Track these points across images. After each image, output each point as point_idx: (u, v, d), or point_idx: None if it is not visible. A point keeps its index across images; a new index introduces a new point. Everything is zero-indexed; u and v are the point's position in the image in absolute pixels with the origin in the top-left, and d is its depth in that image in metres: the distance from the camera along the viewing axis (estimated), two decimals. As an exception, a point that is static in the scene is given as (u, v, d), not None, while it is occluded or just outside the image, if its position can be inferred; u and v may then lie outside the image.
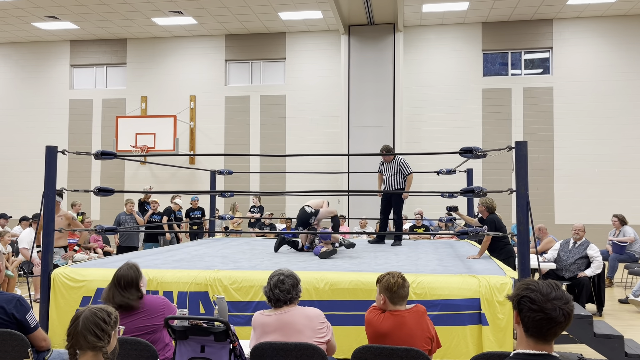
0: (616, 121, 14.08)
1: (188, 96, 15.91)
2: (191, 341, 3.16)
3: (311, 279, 4.87)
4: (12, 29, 15.52)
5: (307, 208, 6.93)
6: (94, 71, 16.63)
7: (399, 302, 3.23)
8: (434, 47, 14.89)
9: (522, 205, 4.67)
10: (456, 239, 9.27)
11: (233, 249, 7.29)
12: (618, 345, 4.47)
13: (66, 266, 5.40)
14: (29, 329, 3.38)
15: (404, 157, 7.71)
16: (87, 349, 2.27)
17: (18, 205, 15.75)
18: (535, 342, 1.86)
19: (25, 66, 16.75)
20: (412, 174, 7.53)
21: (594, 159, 14.10)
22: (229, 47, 15.82)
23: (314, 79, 15.37)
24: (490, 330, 4.58)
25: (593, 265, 7.27)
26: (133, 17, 14.45)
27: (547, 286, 1.87)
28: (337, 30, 14.95)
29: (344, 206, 14.00)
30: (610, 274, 9.48)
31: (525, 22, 14.53)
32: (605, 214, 13.52)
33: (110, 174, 16.10)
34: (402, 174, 7.54)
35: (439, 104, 14.77)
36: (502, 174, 14.21)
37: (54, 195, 5.17)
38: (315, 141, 15.14)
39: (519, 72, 14.73)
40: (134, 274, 3.52)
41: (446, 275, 4.91)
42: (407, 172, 7.51)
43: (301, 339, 3.17)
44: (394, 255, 6.60)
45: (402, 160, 7.59)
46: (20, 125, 16.69)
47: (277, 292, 3.27)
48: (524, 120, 14.45)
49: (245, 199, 15.19)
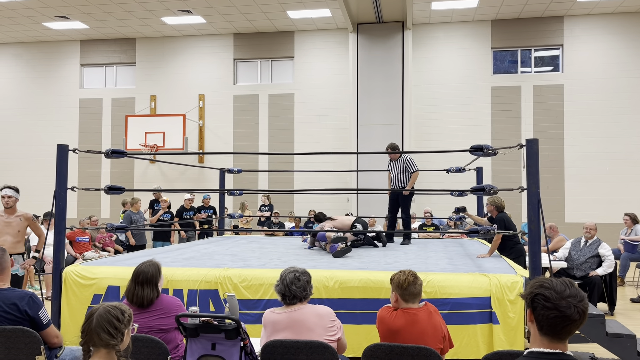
0: (627, 119, 13.95)
1: (197, 95, 15.96)
2: (202, 339, 3.16)
3: (321, 278, 4.87)
4: (23, 29, 15.64)
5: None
6: (103, 70, 16.72)
7: (411, 300, 3.22)
8: (443, 45, 14.83)
9: (533, 204, 4.64)
10: (466, 237, 9.23)
11: (242, 247, 7.31)
12: (630, 345, 4.43)
13: (77, 264, 5.44)
14: (42, 325, 3.41)
15: (409, 155, 7.68)
16: (100, 347, 2.29)
17: (29, 204, 15.87)
18: (550, 340, 1.84)
19: (36, 66, 16.88)
20: (417, 171, 7.50)
21: (604, 156, 13.98)
22: (237, 46, 15.85)
23: (322, 78, 15.36)
24: (501, 329, 4.55)
25: (605, 264, 7.20)
26: (142, 16, 14.51)
27: (561, 284, 1.85)
28: (346, 29, 14.92)
29: (353, 205, 13.98)
30: (622, 272, 9.40)
31: (535, 19, 14.42)
32: (616, 212, 13.40)
33: (120, 172, 16.19)
34: (408, 172, 7.52)
35: (448, 102, 14.71)
36: (512, 172, 14.13)
37: (65, 194, 5.20)
38: (324, 140, 15.13)
39: (529, 69, 14.63)
40: (153, 272, 3.54)
41: (456, 274, 4.88)
42: (413, 169, 7.48)
43: (312, 337, 3.17)
44: (403, 254, 6.58)
45: (407, 158, 7.57)
46: (31, 124, 16.82)
47: (294, 289, 3.27)
48: (534, 118, 14.35)
49: (254, 197, 15.21)
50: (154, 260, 3.67)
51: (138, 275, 3.53)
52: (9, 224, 5.97)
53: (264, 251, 6.87)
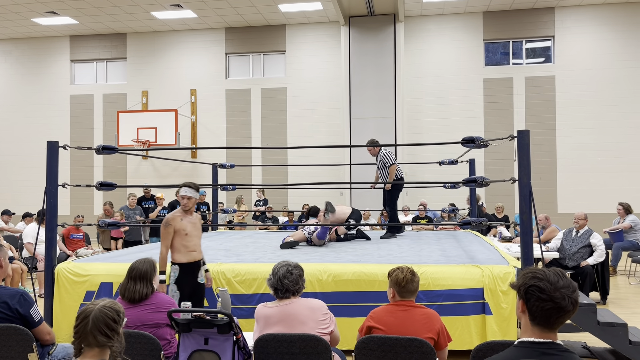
0: (619, 109, 14.01)
1: (189, 90, 15.88)
2: (195, 334, 3.16)
3: (314, 271, 4.87)
4: (12, 25, 15.48)
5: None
6: (94, 66, 16.59)
7: (407, 296, 3.26)
8: (434, 38, 14.82)
9: (525, 195, 4.66)
10: (459, 229, 9.26)
11: (236, 242, 7.30)
12: (622, 333, 4.46)
13: (70, 261, 5.42)
14: (33, 323, 3.39)
15: (384, 149, 7.69)
16: (94, 347, 2.27)
17: (20, 201, 15.77)
18: (541, 330, 1.84)
19: (26, 62, 16.72)
20: (394, 164, 7.52)
21: (596, 147, 14.05)
22: (229, 40, 15.77)
23: (314, 71, 15.32)
24: (493, 320, 4.58)
25: (595, 253, 7.24)
26: (132, 11, 14.39)
27: (554, 274, 1.85)
28: (337, 22, 14.87)
29: (347, 198, 13.99)
30: (614, 262, 9.46)
31: (526, 10, 14.43)
32: (608, 202, 13.49)
33: (112, 169, 16.11)
34: (386, 167, 7.55)
35: (440, 95, 14.71)
36: (504, 164, 14.18)
37: (56, 191, 5.17)
38: (317, 133, 15.11)
39: (521, 61, 14.65)
40: (148, 268, 3.58)
41: (449, 266, 4.90)
42: (389, 163, 7.50)
43: (304, 330, 3.17)
44: (396, 246, 6.60)
45: (383, 152, 7.59)
46: (22, 121, 16.68)
47: (287, 283, 3.28)
48: (526, 109, 14.39)
49: (248, 192, 15.19)
50: (148, 258, 3.71)
51: (132, 270, 3.58)
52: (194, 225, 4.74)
53: (257, 246, 6.87)
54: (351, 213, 7.23)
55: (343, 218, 7.16)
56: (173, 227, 4.39)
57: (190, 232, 4.46)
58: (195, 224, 4.53)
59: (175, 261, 4.43)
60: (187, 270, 4.43)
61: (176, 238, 4.41)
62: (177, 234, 4.41)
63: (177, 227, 4.40)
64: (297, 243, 6.71)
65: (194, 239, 4.50)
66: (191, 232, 4.46)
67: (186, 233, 4.42)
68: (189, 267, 4.44)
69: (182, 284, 4.41)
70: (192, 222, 4.51)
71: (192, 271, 4.47)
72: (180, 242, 4.42)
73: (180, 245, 4.42)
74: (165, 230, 4.38)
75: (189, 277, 4.44)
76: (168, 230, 4.38)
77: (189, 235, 4.44)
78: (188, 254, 4.43)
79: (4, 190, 16.57)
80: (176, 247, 4.42)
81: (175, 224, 4.40)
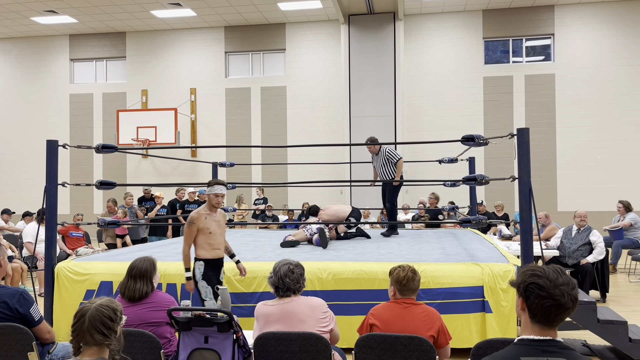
0: (618, 107, 14.00)
1: (188, 89, 15.87)
2: (195, 332, 3.16)
3: (315, 270, 4.87)
4: (11, 24, 15.46)
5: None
6: (93, 65, 16.58)
7: (408, 294, 3.27)
8: (434, 36, 14.80)
9: (525, 193, 4.66)
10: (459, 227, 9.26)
11: (236, 241, 7.30)
12: (622, 331, 4.47)
13: (70, 260, 5.42)
14: (33, 322, 3.39)
15: (388, 147, 7.66)
16: (92, 345, 2.27)
17: (20, 200, 15.77)
18: (541, 327, 1.84)
19: (25, 61, 16.71)
20: (401, 159, 7.49)
21: (596, 145, 14.04)
22: (228, 38, 15.75)
23: (314, 70, 15.31)
24: (493, 318, 4.58)
25: (595, 251, 7.24)
26: (132, 10, 14.38)
27: (553, 272, 1.85)
28: (337, 20, 14.86)
29: (346, 196, 13.99)
30: (614, 260, 9.46)
31: (526, 8, 14.42)
32: (608, 200, 13.49)
33: (112, 168, 16.11)
34: (391, 163, 7.52)
35: (440, 93, 14.70)
36: (504, 162, 14.18)
37: (56, 190, 5.17)
38: (317, 132, 15.10)
39: (521, 59, 14.63)
40: (148, 267, 3.59)
41: (449, 264, 4.90)
42: (396, 158, 7.46)
43: (304, 328, 3.17)
44: (396, 245, 6.60)
45: (387, 149, 7.56)
46: (21, 120, 16.68)
47: (288, 281, 3.28)
48: (525, 108, 14.38)
49: (248, 190, 15.19)
50: (148, 256, 3.72)
51: (132, 269, 3.59)
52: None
53: (257, 244, 6.87)
54: (351, 212, 7.22)
55: (343, 217, 7.16)
56: (197, 225, 4.34)
57: (215, 231, 4.41)
58: (219, 222, 4.48)
59: (200, 257, 4.38)
60: (211, 265, 4.41)
61: (200, 236, 4.37)
62: (201, 232, 4.36)
63: (200, 225, 4.35)
64: (298, 243, 6.69)
65: (218, 237, 4.45)
66: (215, 231, 4.41)
67: (210, 232, 4.38)
68: (213, 263, 4.42)
69: (208, 279, 4.38)
70: (217, 220, 4.45)
71: (216, 267, 4.46)
72: (205, 240, 4.38)
73: (205, 243, 4.38)
74: (189, 229, 4.34)
75: (213, 272, 4.43)
76: (192, 229, 4.34)
77: (213, 234, 4.39)
78: (212, 251, 4.40)
79: (4, 189, 16.57)
80: (200, 245, 4.38)
81: (200, 222, 4.35)
